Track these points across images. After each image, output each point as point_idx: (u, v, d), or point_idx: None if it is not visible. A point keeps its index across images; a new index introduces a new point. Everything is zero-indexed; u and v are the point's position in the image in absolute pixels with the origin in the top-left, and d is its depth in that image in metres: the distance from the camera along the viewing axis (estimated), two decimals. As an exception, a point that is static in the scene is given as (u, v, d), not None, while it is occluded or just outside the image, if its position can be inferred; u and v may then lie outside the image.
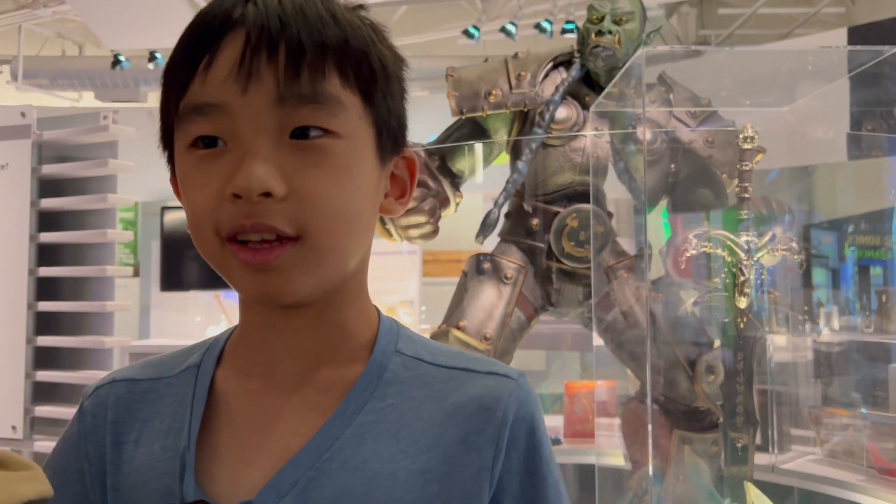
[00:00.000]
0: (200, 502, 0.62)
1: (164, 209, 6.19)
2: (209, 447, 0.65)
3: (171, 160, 0.67)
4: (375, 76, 0.63)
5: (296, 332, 0.65)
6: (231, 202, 0.59)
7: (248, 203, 0.58)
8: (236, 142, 0.60)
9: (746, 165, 1.80)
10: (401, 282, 5.70)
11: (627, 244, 2.24)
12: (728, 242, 1.81)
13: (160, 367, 0.71)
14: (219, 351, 0.70)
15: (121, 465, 0.67)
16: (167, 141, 0.66)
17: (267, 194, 0.58)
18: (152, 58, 6.06)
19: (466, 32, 5.85)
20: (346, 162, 0.61)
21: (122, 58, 6.13)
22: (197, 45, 0.61)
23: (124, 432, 0.68)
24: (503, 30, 5.78)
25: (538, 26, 5.72)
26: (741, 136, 1.82)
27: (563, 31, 5.53)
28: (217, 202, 0.60)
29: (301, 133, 0.60)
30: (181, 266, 6.34)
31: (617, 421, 2.39)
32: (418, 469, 0.62)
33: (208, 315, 6.27)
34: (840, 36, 4.40)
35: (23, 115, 2.41)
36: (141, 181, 3.07)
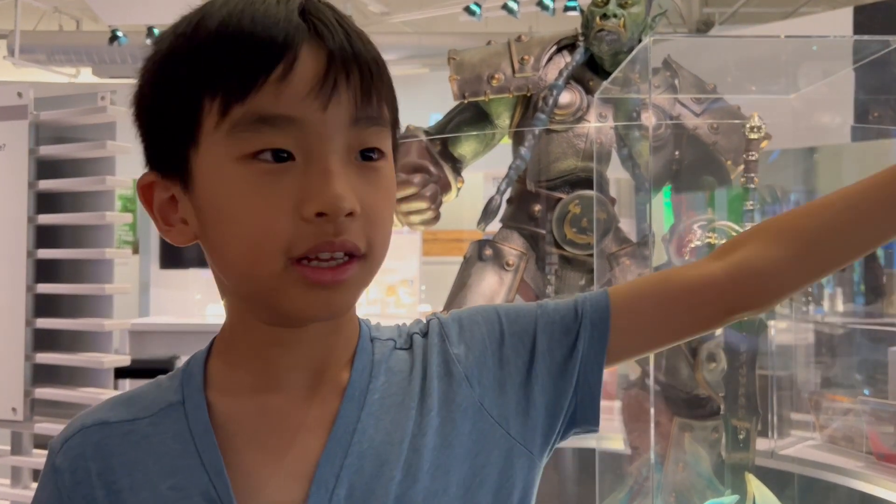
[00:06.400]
0: None
1: (163, 186, 6.15)
2: (238, 471, 0.64)
3: (167, 155, 0.64)
4: (394, 95, 0.65)
5: (304, 343, 0.66)
6: (309, 221, 0.58)
7: (334, 222, 0.58)
8: (306, 158, 0.59)
9: (752, 155, 1.78)
10: (401, 261, 5.70)
11: (628, 225, 2.22)
12: (732, 233, 1.80)
13: (131, 406, 0.68)
14: (200, 381, 0.67)
15: None
16: (178, 132, 0.62)
17: (349, 213, 0.59)
18: (150, 34, 5.99)
19: (468, 9, 5.79)
20: (391, 181, 0.65)
21: (119, 33, 6.07)
22: (259, 52, 0.58)
23: (116, 479, 0.65)
24: (505, 7, 5.73)
25: (540, 3, 5.67)
26: (748, 125, 1.80)
27: (566, 9, 5.47)
28: (289, 221, 0.58)
29: (365, 155, 0.61)
30: (181, 243, 6.31)
31: (617, 404, 2.39)
32: (428, 421, 0.66)
33: (208, 292, 6.27)
34: (846, 15, 4.35)
35: (20, 95, 2.37)
36: (140, 158, 3.05)
